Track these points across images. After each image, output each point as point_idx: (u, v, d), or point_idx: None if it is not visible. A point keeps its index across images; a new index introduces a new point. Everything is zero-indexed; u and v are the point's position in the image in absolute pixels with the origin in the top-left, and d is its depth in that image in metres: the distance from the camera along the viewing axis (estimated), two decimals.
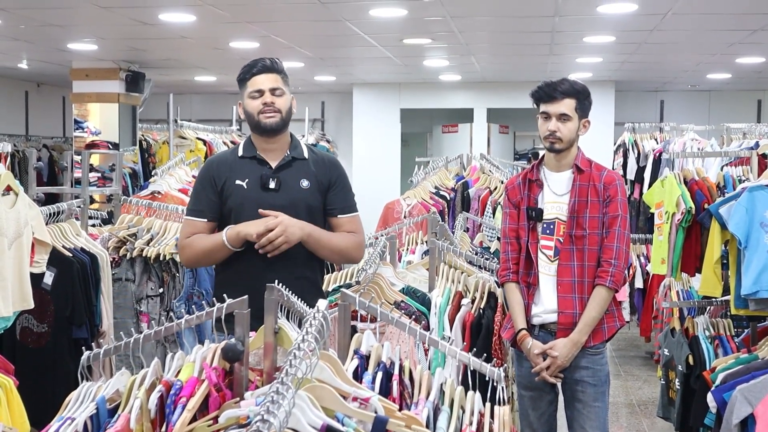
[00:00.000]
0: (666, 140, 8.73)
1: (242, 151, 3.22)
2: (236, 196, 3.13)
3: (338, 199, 3.22)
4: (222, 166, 3.21)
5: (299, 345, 1.73)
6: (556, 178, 3.43)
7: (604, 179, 3.36)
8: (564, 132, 3.34)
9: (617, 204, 3.34)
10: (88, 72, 9.02)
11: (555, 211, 3.40)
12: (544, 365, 3.31)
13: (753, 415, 3.14)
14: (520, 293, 3.41)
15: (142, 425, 1.92)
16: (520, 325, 3.37)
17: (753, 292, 3.64)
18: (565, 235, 3.35)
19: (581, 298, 3.32)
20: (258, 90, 3.13)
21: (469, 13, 6.47)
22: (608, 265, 3.31)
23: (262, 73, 3.15)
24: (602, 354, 3.39)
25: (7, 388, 2.84)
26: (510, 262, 3.45)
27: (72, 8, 6.30)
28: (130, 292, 4.54)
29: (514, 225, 3.47)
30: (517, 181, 3.52)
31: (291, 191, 3.13)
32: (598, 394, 3.36)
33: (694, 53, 8.51)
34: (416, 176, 7.43)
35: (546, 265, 3.39)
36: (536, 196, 3.44)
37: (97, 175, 7.91)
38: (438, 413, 2.09)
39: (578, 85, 3.40)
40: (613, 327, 3.40)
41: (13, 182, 3.21)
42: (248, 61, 3.22)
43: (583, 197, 3.35)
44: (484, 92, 11.57)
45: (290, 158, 3.18)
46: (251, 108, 3.15)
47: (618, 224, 3.33)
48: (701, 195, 4.61)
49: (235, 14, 6.43)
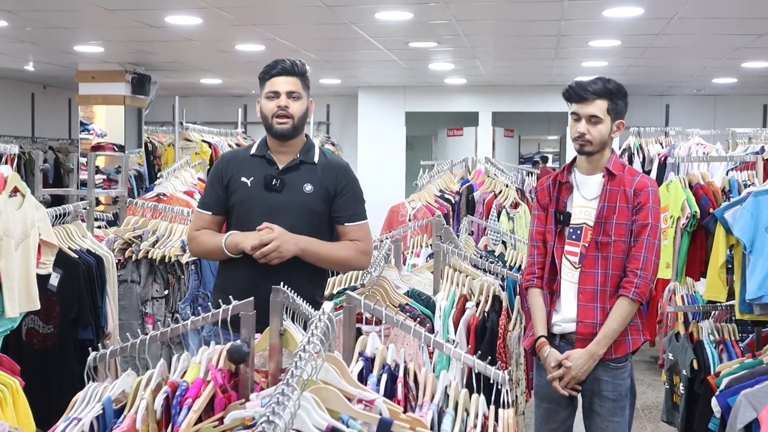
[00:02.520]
0: (671, 144, 8.71)
1: (255, 149, 3.25)
2: (239, 193, 3.17)
3: (345, 207, 3.20)
4: (232, 162, 3.25)
5: (304, 347, 1.73)
6: (586, 182, 3.28)
7: (635, 185, 3.19)
8: (594, 134, 3.19)
9: (648, 212, 3.16)
10: (94, 74, 9.05)
11: (583, 215, 3.25)
12: (557, 374, 3.18)
13: (757, 420, 3.14)
14: (543, 299, 3.29)
15: (148, 426, 1.93)
16: (539, 332, 3.25)
17: (758, 297, 3.64)
18: (591, 242, 3.19)
19: (603, 308, 3.16)
20: (275, 91, 3.14)
21: (475, 17, 6.47)
22: (634, 275, 3.14)
23: (281, 75, 3.15)
24: (624, 368, 3.23)
25: (13, 389, 2.85)
26: (535, 267, 3.34)
27: (78, 11, 6.31)
28: (136, 293, 4.56)
29: (541, 228, 3.34)
30: (547, 183, 3.37)
31: (293, 194, 3.14)
32: (617, 409, 3.21)
33: (700, 57, 8.51)
34: (421, 179, 7.43)
35: (569, 271, 3.24)
36: (565, 199, 3.29)
37: (102, 177, 7.92)
38: (442, 416, 2.09)
39: (612, 85, 3.22)
40: (638, 340, 3.23)
41: (20, 184, 3.22)
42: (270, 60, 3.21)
43: (612, 202, 3.19)
44: (490, 96, 11.57)
45: (298, 161, 3.18)
46: (266, 109, 3.16)
47: (647, 233, 3.15)
48: (706, 199, 4.61)
49: (240, 17, 6.44)
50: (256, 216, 3.10)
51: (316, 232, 3.16)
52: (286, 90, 3.13)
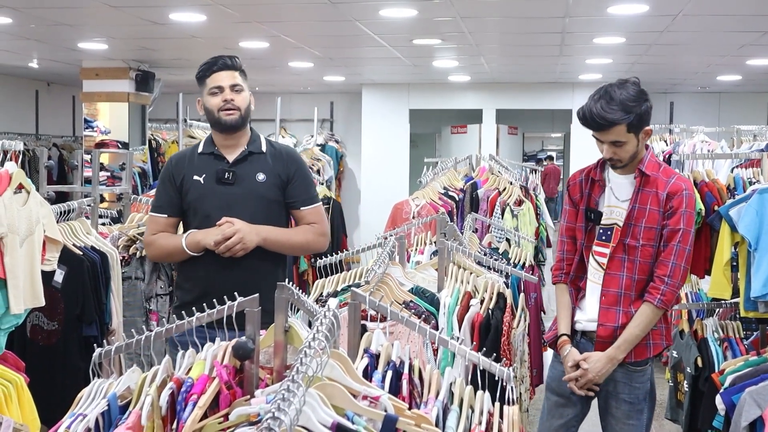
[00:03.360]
0: (676, 142, 8.70)
1: (202, 147, 3.32)
2: (194, 191, 3.24)
3: (299, 192, 3.30)
4: (180, 163, 3.32)
5: (309, 343, 1.73)
6: (620, 182, 3.17)
7: (669, 188, 3.07)
8: (622, 155, 3.07)
9: (680, 217, 3.06)
10: (98, 71, 9.05)
11: (615, 216, 3.15)
12: (574, 375, 3.13)
13: (762, 418, 3.13)
14: (569, 296, 3.23)
15: (153, 422, 1.93)
16: (562, 329, 3.21)
17: (762, 295, 3.63)
18: (618, 243, 3.11)
19: (625, 312, 3.09)
20: (218, 86, 3.22)
21: (479, 14, 6.46)
22: (660, 282, 3.06)
23: (221, 70, 3.23)
24: (644, 372, 3.17)
25: (18, 385, 2.86)
26: (564, 263, 3.29)
27: (82, 8, 6.32)
28: (140, 290, 4.56)
29: (571, 224, 3.27)
30: (580, 178, 3.27)
31: (246, 185, 3.23)
32: (634, 412, 3.16)
33: (705, 55, 8.49)
34: (425, 177, 7.43)
35: (596, 272, 3.18)
36: (597, 197, 3.20)
37: (106, 174, 7.94)
38: (447, 412, 2.09)
39: (625, 104, 2.98)
40: (660, 345, 3.17)
41: (25, 180, 3.23)
42: (208, 59, 3.30)
43: (643, 204, 3.09)
44: (494, 93, 11.56)
45: (247, 153, 3.27)
46: (211, 105, 3.23)
47: (678, 239, 3.05)
48: (711, 197, 4.59)
49: (245, 14, 6.44)
50: (214, 211, 3.19)
51: (273, 219, 3.27)
52: (230, 84, 3.22)
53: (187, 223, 3.28)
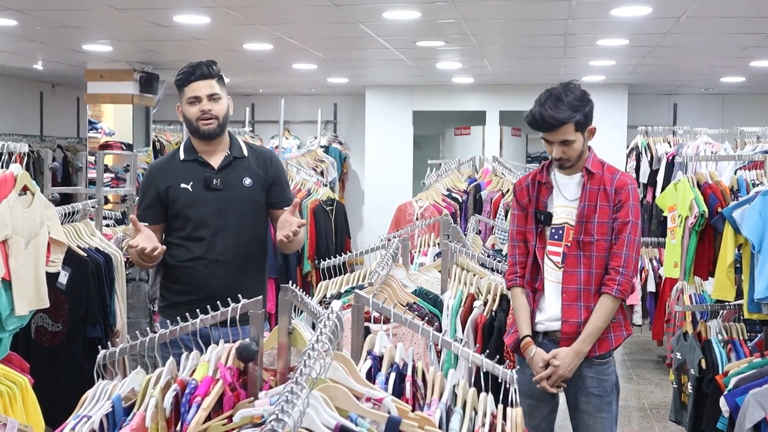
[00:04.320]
0: (679, 144, 8.71)
1: (184, 154, 3.34)
2: (183, 199, 3.26)
3: (281, 192, 3.39)
4: (163, 171, 3.35)
5: (313, 345, 1.74)
6: (566, 182, 3.28)
7: (616, 183, 3.20)
8: (570, 154, 3.19)
9: (628, 209, 3.18)
10: (103, 73, 9.07)
11: (565, 215, 3.25)
12: (545, 374, 3.17)
13: (766, 420, 3.14)
14: (526, 299, 3.29)
15: (158, 423, 1.94)
16: (524, 331, 3.25)
17: (766, 296, 3.63)
18: (573, 241, 3.20)
19: (587, 307, 3.17)
20: (195, 96, 3.26)
21: (483, 16, 6.47)
22: (615, 273, 3.15)
23: (199, 80, 3.27)
24: (608, 364, 3.25)
25: (23, 387, 2.86)
26: (517, 266, 3.34)
27: (87, 10, 6.33)
28: (144, 292, 4.57)
29: (521, 227, 3.34)
30: (526, 182, 3.37)
31: (234, 190, 3.28)
32: (604, 405, 3.23)
33: (708, 56, 8.48)
34: (428, 178, 7.43)
35: (552, 271, 3.25)
36: (545, 199, 3.29)
37: (111, 175, 7.95)
38: (450, 414, 2.10)
39: (572, 104, 3.15)
40: (620, 336, 3.25)
41: (30, 182, 3.24)
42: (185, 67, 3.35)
43: (592, 201, 3.19)
44: (497, 95, 11.56)
45: (231, 158, 3.32)
46: (189, 114, 3.28)
47: (628, 231, 3.16)
48: (714, 198, 4.60)
49: (249, 16, 6.45)
50: (206, 217, 3.23)
51: (260, 221, 3.36)
52: (207, 93, 3.26)
53: (174, 229, 3.28)
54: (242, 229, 3.27)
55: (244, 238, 3.27)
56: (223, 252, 3.23)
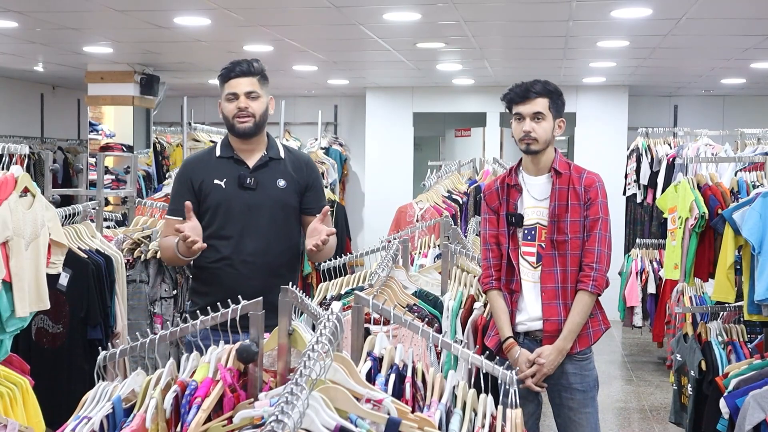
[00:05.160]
0: (679, 145, 8.70)
1: (220, 151, 3.32)
2: (215, 196, 3.24)
3: (316, 198, 3.35)
4: (199, 166, 3.32)
5: (313, 347, 1.74)
6: (535, 183, 3.35)
7: (584, 181, 3.28)
8: (539, 132, 3.27)
9: (598, 206, 3.26)
10: (103, 75, 9.07)
11: (536, 216, 3.32)
12: (529, 373, 3.22)
13: (766, 421, 3.14)
14: (503, 300, 3.33)
15: (158, 425, 1.94)
16: (506, 333, 3.30)
17: (766, 298, 3.64)
18: (547, 241, 3.27)
19: (566, 304, 3.24)
20: (233, 93, 3.23)
21: (483, 18, 6.47)
22: (590, 269, 3.23)
23: (239, 76, 3.23)
24: (589, 359, 3.33)
25: (23, 388, 2.87)
26: (492, 269, 3.38)
27: (88, 11, 6.34)
28: (144, 293, 4.57)
29: (494, 231, 3.39)
30: (495, 186, 3.43)
31: (268, 190, 3.24)
32: (588, 400, 3.30)
33: (709, 58, 8.48)
34: (429, 180, 7.43)
35: (528, 271, 3.31)
36: (515, 201, 3.36)
37: (111, 177, 7.95)
38: (450, 416, 2.10)
39: (551, 85, 3.33)
40: (599, 331, 3.32)
41: (31, 184, 3.24)
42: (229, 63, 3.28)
43: (563, 201, 3.27)
44: (497, 96, 11.42)
45: (267, 158, 3.29)
46: (227, 111, 3.25)
47: (599, 227, 3.25)
48: (715, 200, 4.60)
49: (249, 18, 6.45)
50: (236, 216, 3.20)
51: (290, 225, 3.30)
52: (245, 91, 3.22)
53: (204, 227, 3.21)
54: (272, 231, 3.23)
55: (273, 239, 3.23)
56: (252, 253, 3.19)
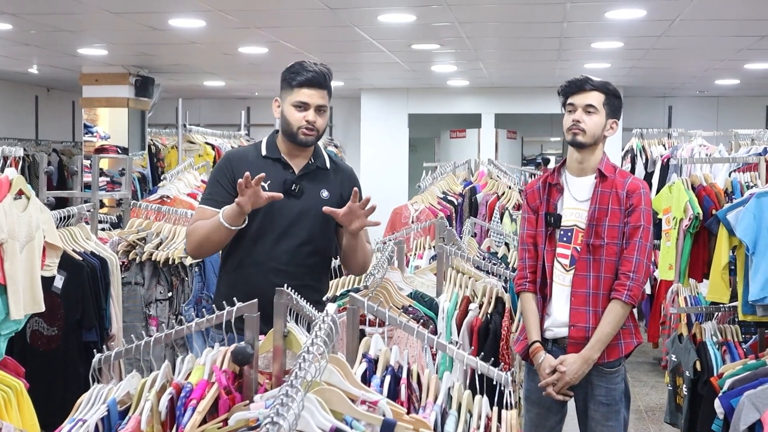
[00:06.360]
0: (674, 146, 8.70)
1: (266, 151, 3.18)
2: None
3: None
4: (242, 162, 3.14)
5: (308, 348, 1.74)
6: (577, 183, 3.24)
7: (627, 187, 3.17)
8: (588, 124, 3.16)
9: (640, 214, 3.14)
10: (98, 77, 9.07)
11: (574, 217, 3.21)
12: (551, 380, 3.14)
13: (761, 421, 3.14)
14: (535, 304, 3.24)
15: (153, 427, 1.94)
16: (533, 337, 3.21)
17: (761, 298, 3.64)
18: (583, 244, 3.15)
19: (595, 312, 3.13)
20: (304, 103, 3.06)
21: (478, 19, 6.48)
22: (626, 278, 3.11)
23: (314, 87, 3.06)
24: (618, 372, 3.21)
25: (18, 391, 2.87)
26: (527, 270, 3.29)
27: (83, 14, 6.33)
28: (140, 295, 4.57)
29: (531, 231, 3.30)
30: (537, 185, 3.34)
31: (311, 199, 3.12)
32: (612, 413, 3.19)
33: (703, 59, 8.51)
34: (424, 181, 7.44)
35: (561, 274, 3.20)
36: (556, 201, 3.25)
37: (106, 179, 7.95)
38: (446, 417, 2.10)
39: (611, 86, 3.24)
40: (631, 344, 3.22)
41: (25, 186, 3.23)
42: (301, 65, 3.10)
43: (603, 204, 3.16)
44: (492, 98, 11.57)
45: (314, 167, 3.17)
46: (293, 118, 3.08)
47: (639, 235, 3.12)
48: (709, 201, 4.61)
49: (244, 20, 6.46)
50: (276, 221, 3.07)
51: (328, 237, 3.18)
52: (316, 104, 3.07)
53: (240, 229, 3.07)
54: (309, 241, 3.11)
55: (308, 250, 3.11)
56: (285, 262, 3.06)
